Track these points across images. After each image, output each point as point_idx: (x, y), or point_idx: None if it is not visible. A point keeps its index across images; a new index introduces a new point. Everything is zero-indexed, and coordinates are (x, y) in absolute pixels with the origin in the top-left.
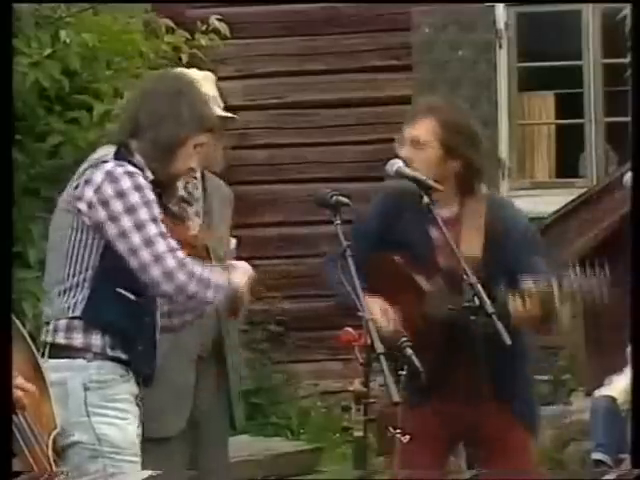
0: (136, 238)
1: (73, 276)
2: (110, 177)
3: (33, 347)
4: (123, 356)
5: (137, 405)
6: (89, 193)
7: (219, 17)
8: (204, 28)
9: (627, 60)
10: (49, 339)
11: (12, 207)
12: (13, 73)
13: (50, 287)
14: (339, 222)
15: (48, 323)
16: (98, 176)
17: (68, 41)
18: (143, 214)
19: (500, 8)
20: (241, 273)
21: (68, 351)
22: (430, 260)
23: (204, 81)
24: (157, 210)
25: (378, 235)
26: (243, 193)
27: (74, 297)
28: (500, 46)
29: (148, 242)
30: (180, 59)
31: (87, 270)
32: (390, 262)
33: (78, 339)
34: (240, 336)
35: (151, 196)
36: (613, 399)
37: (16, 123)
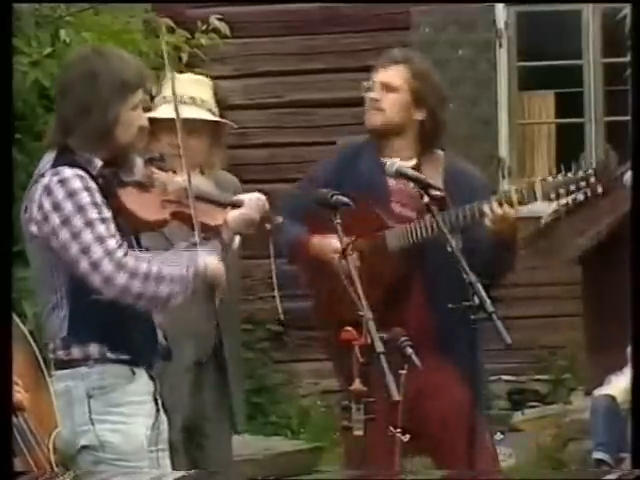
0: (74, 248)
1: (52, 296)
2: (47, 190)
3: (34, 346)
4: (125, 355)
5: (154, 401)
6: (35, 212)
7: (219, 17)
8: (204, 27)
9: (627, 59)
10: (51, 356)
11: (12, 206)
12: (13, 72)
13: (40, 310)
14: (339, 221)
15: (47, 343)
16: (38, 193)
17: (68, 40)
18: (77, 221)
19: (500, 7)
20: (248, 208)
21: (70, 363)
22: (385, 207)
23: (197, 84)
24: (95, 211)
25: (335, 184)
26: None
27: (57, 317)
28: (500, 45)
29: (84, 250)
30: (180, 58)
31: (61, 288)
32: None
33: (76, 352)
34: (241, 338)
35: (85, 199)
36: (613, 398)
37: (16, 122)
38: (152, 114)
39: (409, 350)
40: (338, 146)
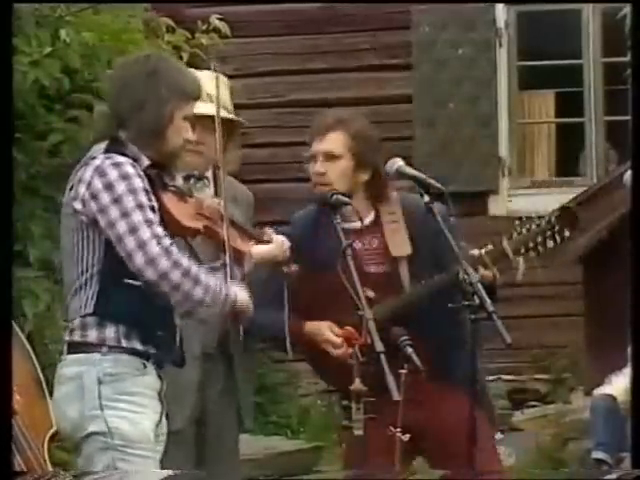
0: (122, 226)
1: (82, 275)
2: (98, 171)
3: (30, 350)
4: (140, 347)
5: (160, 400)
6: (82, 191)
7: (219, 16)
8: (204, 27)
9: (627, 59)
10: (66, 338)
11: (12, 206)
12: (13, 72)
13: (67, 291)
14: (339, 221)
15: (66, 326)
16: (88, 173)
17: (68, 40)
18: (129, 202)
19: (500, 7)
20: (270, 248)
21: (84, 347)
22: (361, 270)
23: (212, 80)
24: (145, 197)
25: (303, 256)
26: None
27: (85, 295)
28: (500, 45)
29: (132, 229)
30: (181, 58)
31: (94, 266)
32: (320, 280)
33: (92, 335)
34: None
35: (138, 184)
36: (613, 398)
37: (16, 122)
38: None
39: (409, 350)
40: (293, 220)
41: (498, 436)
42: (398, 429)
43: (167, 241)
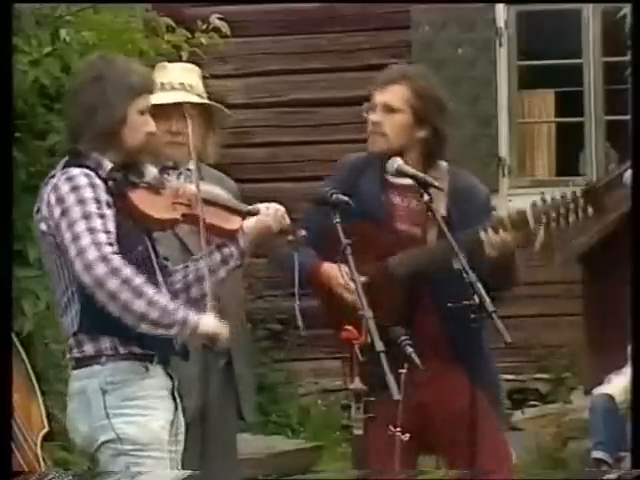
0: (67, 236)
1: (64, 294)
2: (54, 188)
3: (22, 351)
4: (138, 350)
5: (172, 398)
6: (44, 210)
7: (219, 16)
8: (204, 27)
9: (627, 59)
10: (68, 356)
11: (12, 205)
12: (13, 71)
13: (57, 310)
14: (339, 220)
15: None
16: (46, 192)
17: (68, 39)
18: (75, 213)
19: (500, 7)
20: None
21: (84, 361)
22: (390, 226)
23: (185, 71)
24: (94, 206)
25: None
26: (242, 191)
27: (70, 313)
28: (500, 44)
29: (75, 238)
30: (181, 58)
31: (71, 284)
32: (353, 225)
33: (89, 349)
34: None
35: (88, 194)
36: (612, 397)
37: (16, 121)
38: None
39: (409, 349)
40: (341, 162)
41: None
42: (398, 429)
43: (108, 249)
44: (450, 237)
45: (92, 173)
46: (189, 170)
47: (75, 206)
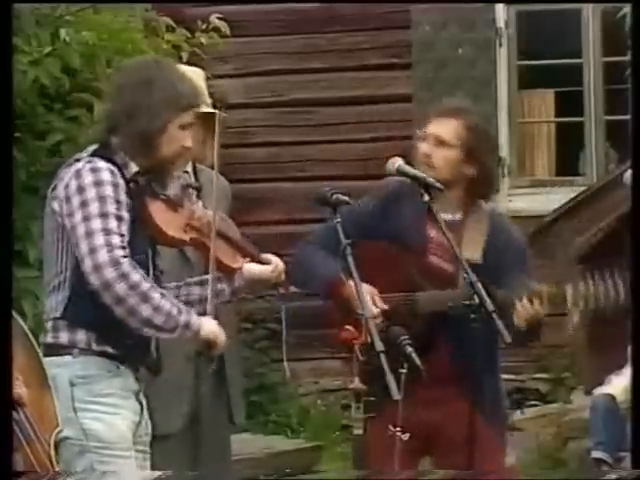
0: (80, 230)
1: (55, 276)
2: (76, 174)
3: (35, 345)
4: (111, 350)
5: (138, 401)
6: (60, 191)
7: (219, 15)
8: (204, 26)
9: (627, 58)
10: (41, 339)
11: (12, 206)
12: (13, 71)
13: (45, 289)
14: (339, 220)
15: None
16: (68, 174)
17: (68, 39)
18: (93, 209)
19: (500, 6)
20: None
21: (56, 349)
22: (423, 258)
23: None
24: (114, 206)
25: (372, 221)
26: (242, 191)
27: (57, 297)
28: (500, 44)
29: (88, 234)
30: (180, 57)
31: (67, 269)
32: (383, 249)
33: (64, 337)
34: (238, 333)
35: (110, 192)
36: (613, 397)
37: (16, 121)
38: None
39: (409, 349)
40: (385, 183)
41: None
42: (398, 429)
43: (120, 252)
44: (477, 283)
45: (117, 171)
46: (187, 172)
47: (95, 201)
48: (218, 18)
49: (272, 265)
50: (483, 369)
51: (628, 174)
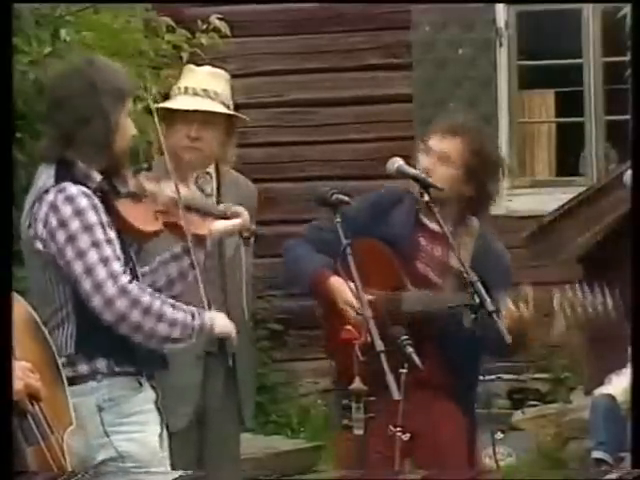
0: (78, 267)
1: (55, 313)
2: (53, 208)
3: (51, 341)
4: (131, 369)
5: (157, 409)
6: (40, 230)
7: (219, 16)
8: (204, 27)
9: (627, 58)
10: None
11: (12, 206)
12: (13, 71)
13: (45, 325)
14: (339, 220)
15: None
16: (43, 210)
17: (68, 39)
18: (83, 242)
19: (500, 7)
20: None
21: (77, 379)
22: (410, 263)
23: (212, 77)
24: (101, 231)
25: (365, 224)
26: None
27: (64, 333)
28: (500, 44)
29: (88, 270)
30: (181, 58)
31: (67, 305)
32: (375, 249)
33: (83, 368)
34: (249, 331)
35: (93, 218)
36: (613, 398)
37: (16, 122)
38: (169, 104)
39: (409, 349)
40: (384, 189)
41: (498, 436)
42: (398, 428)
43: (124, 279)
44: (473, 276)
45: (89, 191)
46: (208, 174)
47: (82, 233)
48: (218, 18)
49: (243, 217)
50: (465, 373)
51: (628, 174)
